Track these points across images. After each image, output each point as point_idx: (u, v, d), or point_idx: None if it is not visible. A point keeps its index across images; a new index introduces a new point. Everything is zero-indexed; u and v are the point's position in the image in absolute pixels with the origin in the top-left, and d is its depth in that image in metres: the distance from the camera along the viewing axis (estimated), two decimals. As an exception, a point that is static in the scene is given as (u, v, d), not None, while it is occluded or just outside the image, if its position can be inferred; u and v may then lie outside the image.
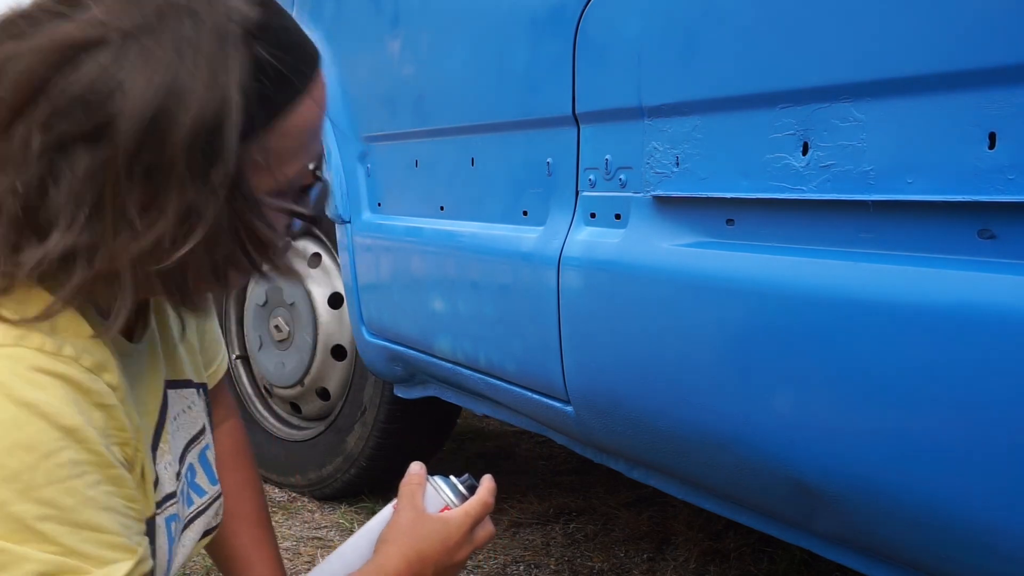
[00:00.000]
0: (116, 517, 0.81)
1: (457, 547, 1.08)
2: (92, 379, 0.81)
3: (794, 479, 1.08)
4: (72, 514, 0.77)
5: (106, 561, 0.79)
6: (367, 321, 2.04)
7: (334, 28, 2.13)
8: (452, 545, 1.08)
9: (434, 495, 1.12)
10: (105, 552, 0.79)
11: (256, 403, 2.64)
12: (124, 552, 0.81)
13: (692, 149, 1.19)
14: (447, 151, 1.74)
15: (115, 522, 0.81)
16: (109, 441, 0.82)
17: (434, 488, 1.12)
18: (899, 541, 1.02)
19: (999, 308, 0.86)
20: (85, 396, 0.80)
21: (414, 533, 1.07)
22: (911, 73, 0.93)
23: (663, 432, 1.27)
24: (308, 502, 2.46)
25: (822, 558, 1.75)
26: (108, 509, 0.80)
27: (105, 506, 0.80)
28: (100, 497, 0.80)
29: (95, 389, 0.81)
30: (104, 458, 0.81)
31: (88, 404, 0.81)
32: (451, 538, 1.08)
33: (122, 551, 0.81)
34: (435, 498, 1.12)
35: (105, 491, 0.81)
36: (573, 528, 2.29)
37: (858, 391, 0.98)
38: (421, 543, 1.06)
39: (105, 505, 0.80)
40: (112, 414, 0.83)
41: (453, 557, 1.08)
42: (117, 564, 0.80)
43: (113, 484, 0.82)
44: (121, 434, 0.84)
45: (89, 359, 0.82)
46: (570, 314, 1.39)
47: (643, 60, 1.25)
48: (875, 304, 0.96)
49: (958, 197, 0.89)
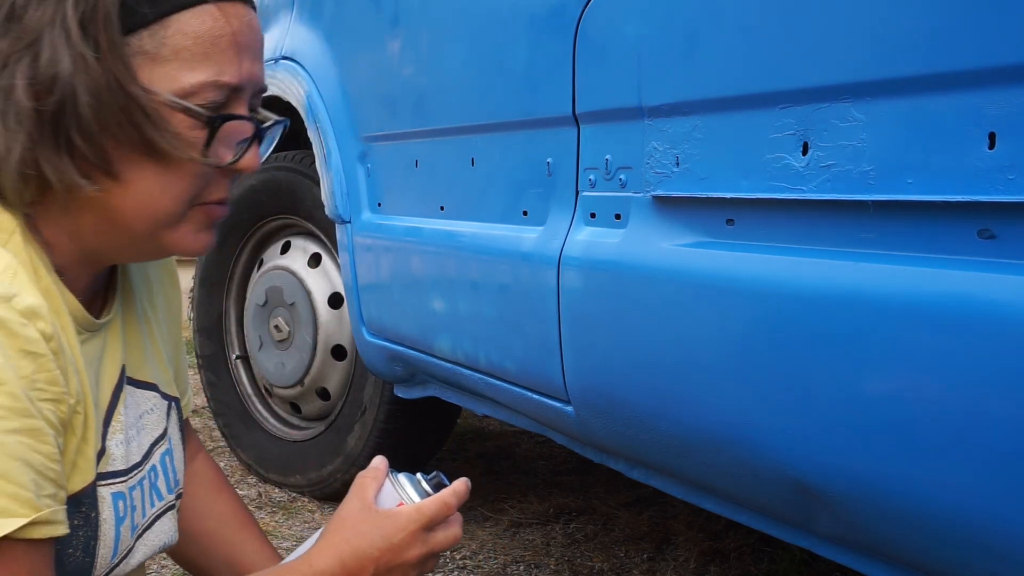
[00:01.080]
0: (26, 470, 0.78)
1: (404, 546, 0.97)
2: (22, 324, 0.79)
3: (794, 479, 1.08)
4: None
5: (1, 512, 0.77)
6: (367, 321, 2.04)
7: (334, 28, 2.13)
8: (397, 543, 0.97)
9: (391, 490, 1.03)
10: (3, 501, 0.77)
11: (256, 403, 2.64)
12: (23, 506, 0.78)
13: (692, 149, 1.19)
14: (447, 151, 1.74)
15: (23, 475, 0.78)
16: (36, 395, 0.80)
17: (392, 483, 1.03)
18: (899, 541, 1.02)
19: (999, 308, 0.86)
20: (11, 340, 0.78)
21: (354, 528, 0.98)
22: (911, 73, 0.93)
23: (663, 432, 1.27)
24: (308, 502, 2.47)
25: (822, 558, 1.75)
26: (18, 459, 0.78)
27: (15, 455, 0.77)
28: (11, 444, 0.77)
29: (23, 334, 0.79)
30: (23, 407, 0.78)
31: (14, 349, 0.78)
32: (395, 536, 0.97)
33: (23, 504, 0.78)
34: (391, 494, 1.03)
35: (19, 441, 0.78)
36: (573, 528, 2.29)
37: (858, 391, 0.98)
38: (359, 539, 0.97)
39: (15, 454, 0.78)
40: (41, 364, 0.80)
41: (400, 556, 0.97)
42: (12, 519, 0.77)
43: (30, 436, 0.79)
44: (52, 388, 0.82)
45: (21, 303, 0.80)
46: (570, 314, 1.39)
47: (643, 60, 1.25)
48: (875, 304, 0.96)
49: (958, 197, 0.89)
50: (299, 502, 2.47)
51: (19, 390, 0.78)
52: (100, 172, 0.85)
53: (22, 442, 0.78)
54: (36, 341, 0.80)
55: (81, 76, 0.81)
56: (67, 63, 0.81)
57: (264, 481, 2.59)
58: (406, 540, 0.98)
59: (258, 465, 2.60)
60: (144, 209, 0.87)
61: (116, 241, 0.91)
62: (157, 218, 0.88)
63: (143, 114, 0.83)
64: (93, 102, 0.82)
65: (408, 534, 0.98)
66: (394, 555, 0.97)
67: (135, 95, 0.82)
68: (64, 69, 0.81)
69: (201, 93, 0.85)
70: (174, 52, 0.84)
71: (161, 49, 0.83)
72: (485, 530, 2.30)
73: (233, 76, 0.87)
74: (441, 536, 1.01)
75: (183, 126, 0.85)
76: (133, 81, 0.82)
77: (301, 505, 2.45)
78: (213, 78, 0.85)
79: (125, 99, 0.82)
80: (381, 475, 1.04)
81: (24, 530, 0.78)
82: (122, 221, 0.88)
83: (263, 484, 2.58)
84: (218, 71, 0.86)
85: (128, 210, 0.87)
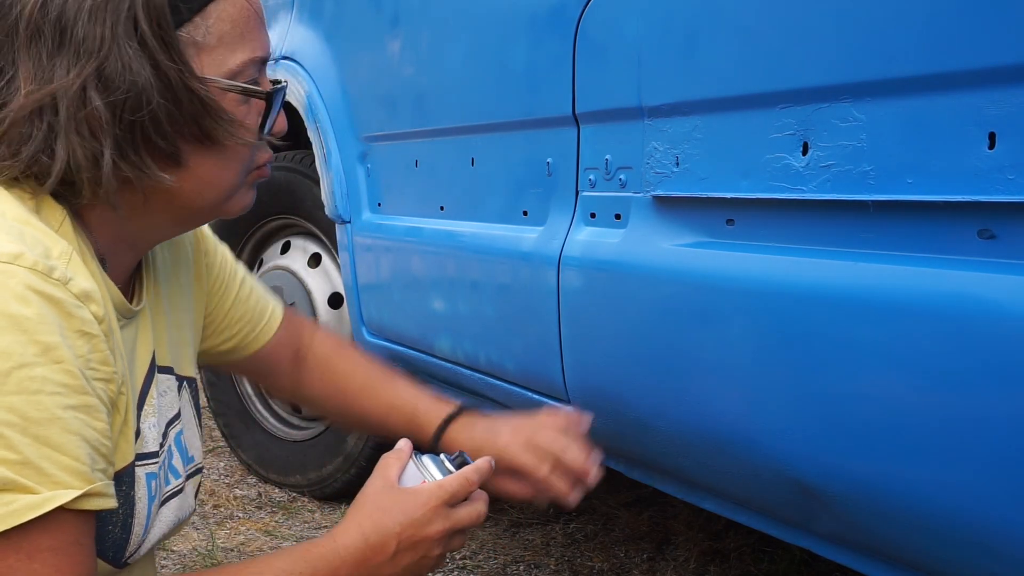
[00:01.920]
0: (82, 444, 0.81)
1: (425, 522, 1.00)
2: (77, 305, 0.83)
3: (794, 479, 1.08)
4: (36, 427, 0.78)
5: (58, 483, 0.79)
6: (367, 321, 2.04)
7: (334, 28, 2.13)
8: (419, 519, 0.99)
9: (413, 470, 1.05)
10: (61, 474, 0.80)
11: (256, 403, 2.64)
12: (79, 479, 0.81)
13: (692, 149, 1.19)
14: (447, 151, 1.74)
15: (80, 449, 0.81)
16: (91, 373, 0.83)
17: (415, 463, 1.05)
18: (899, 541, 1.02)
19: (999, 308, 0.86)
20: (68, 320, 0.82)
21: (376, 504, 1.00)
22: (911, 73, 0.93)
23: (663, 432, 1.27)
24: (308, 502, 2.47)
25: (822, 558, 1.75)
26: (75, 434, 0.81)
27: (72, 430, 0.81)
28: (69, 419, 0.80)
29: (79, 316, 0.83)
30: (80, 384, 0.82)
31: (71, 330, 0.82)
32: (416, 511, 1.00)
33: (78, 477, 0.81)
34: (414, 474, 1.04)
35: (75, 416, 0.81)
36: (573, 528, 2.29)
37: (858, 391, 0.98)
38: (381, 515, 0.99)
39: (73, 429, 0.81)
40: (95, 345, 0.84)
41: (422, 531, 0.99)
42: (68, 490, 0.80)
43: (86, 413, 0.82)
44: (104, 368, 0.85)
45: (77, 287, 0.83)
46: (570, 314, 1.40)
47: (643, 60, 1.25)
48: (875, 304, 0.96)
49: (958, 197, 0.89)
50: (299, 502, 2.47)
51: (76, 368, 0.81)
52: (173, 165, 0.90)
53: (79, 418, 0.81)
54: (90, 322, 0.84)
55: (153, 80, 0.86)
56: (139, 69, 0.85)
57: (264, 481, 2.59)
58: (427, 515, 1.00)
59: (258, 465, 2.60)
60: (210, 189, 0.94)
61: (168, 219, 0.96)
62: (221, 194, 0.95)
63: (204, 105, 0.89)
64: (167, 102, 0.87)
65: (429, 509, 1.00)
66: (416, 530, 0.99)
67: (196, 88, 0.88)
68: (138, 75, 0.85)
69: (245, 72, 0.92)
70: (218, 39, 0.90)
71: (208, 38, 0.89)
72: (485, 530, 2.30)
73: (264, 50, 0.95)
74: (464, 512, 1.03)
75: (233, 105, 0.92)
76: (192, 75, 0.88)
77: (301, 505, 2.45)
78: (251, 55, 0.93)
79: (190, 94, 0.88)
80: (404, 456, 1.07)
81: (77, 501, 0.81)
82: (186, 201, 0.94)
83: (263, 484, 2.58)
84: (253, 48, 0.93)
85: (192, 192, 0.94)
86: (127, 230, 0.95)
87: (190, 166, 0.91)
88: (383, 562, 0.98)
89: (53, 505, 0.79)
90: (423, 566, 1.01)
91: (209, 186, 0.94)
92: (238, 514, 2.39)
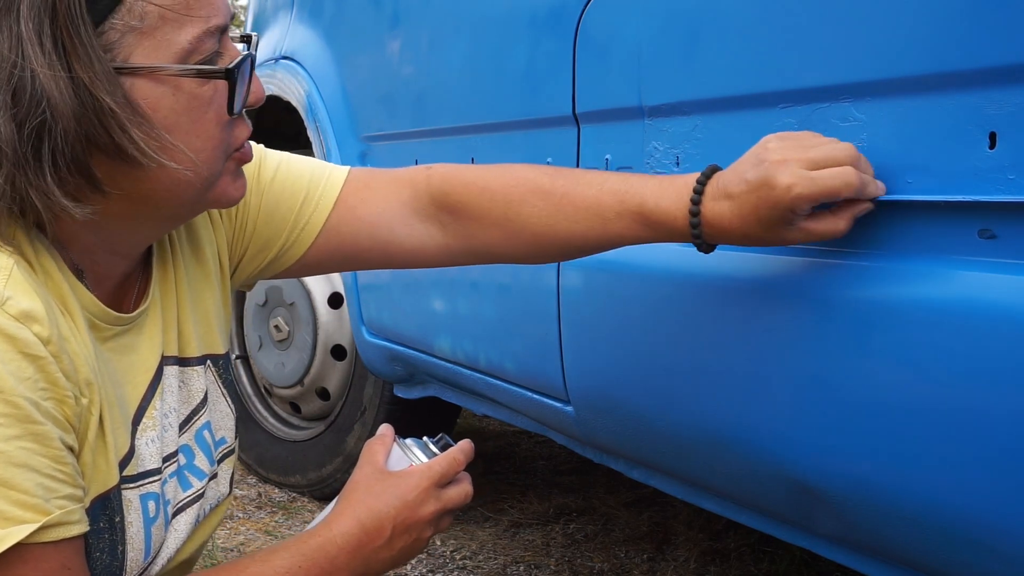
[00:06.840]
0: (31, 475, 0.78)
1: (418, 503, 1.00)
2: (17, 327, 0.78)
3: (794, 479, 1.08)
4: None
5: (10, 519, 0.76)
6: (367, 321, 2.04)
7: (334, 28, 2.13)
8: (412, 501, 1.00)
9: (399, 454, 1.05)
10: (12, 509, 0.77)
11: (256, 403, 2.64)
12: (33, 512, 0.77)
13: (692, 149, 1.19)
14: (447, 151, 1.74)
15: (29, 480, 0.77)
16: (41, 395, 0.79)
17: (401, 448, 1.06)
18: (899, 541, 1.01)
19: (999, 308, 0.86)
20: (8, 343, 0.77)
21: (368, 490, 1.00)
22: (911, 73, 0.93)
23: (663, 432, 1.27)
24: (308, 502, 2.47)
25: (822, 558, 1.75)
26: (21, 466, 0.77)
27: (18, 462, 0.77)
28: (13, 452, 0.77)
29: (20, 337, 0.77)
30: (24, 412, 0.77)
31: (13, 352, 0.77)
32: (409, 494, 1.00)
33: (30, 510, 0.77)
34: (400, 458, 1.05)
35: (20, 446, 0.77)
36: (573, 528, 2.29)
37: (858, 391, 0.98)
38: (375, 500, 0.99)
39: (18, 461, 0.77)
40: (41, 365, 0.79)
41: (415, 513, 1.00)
42: (22, 526, 0.77)
43: (34, 441, 0.78)
44: (56, 389, 0.80)
45: (16, 307, 0.78)
46: (570, 314, 1.39)
47: (643, 60, 1.25)
48: (875, 304, 0.96)
49: (958, 197, 0.89)
50: (299, 502, 2.47)
51: (19, 395, 0.77)
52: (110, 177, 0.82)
53: (24, 447, 0.78)
54: (34, 344, 0.79)
55: (66, 88, 0.77)
56: (46, 83, 0.76)
57: (264, 481, 2.59)
58: (420, 497, 1.00)
59: (258, 465, 2.60)
60: (180, 185, 0.85)
61: (147, 222, 0.89)
62: (198, 186, 0.87)
63: (113, 117, 0.79)
64: (75, 116, 0.78)
65: (421, 491, 1.01)
66: (410, 512, 1.00)
67: (101, 98, 0.78)
68: (49, 92, 0.77)
69: (200, 48, 0.83)
70: (159, 17, 0.80)
71: (147, 19, 0.80)
72: (485, 530, 2.29)
73: (221, 16, 0.84)
74: (453, 492, 1.04)
75: (195, 89, 0.83)
76: (106, 80, 0.78)
77: (301, 505, 2.45)
78: (204, 26, 0.83)
79: (96, 103, 0.78)
80: (388, 441, 1.06)
81: (37, 534, 0.78)
82: (159, 202, 0.86)
83: (263, 484, 2.58)
84: (205, 17, 0.83)
85: (161, 191, 0.85)
86: (103, 238, 0.88)
87: (159, 161, 0.81)
88: (380, 546, 0.99)
89: (8, 544, 0.76)
90: (416, 548, 1.02)
91: (178, 182, 0.84)
92: (238, 514, 2.39)
